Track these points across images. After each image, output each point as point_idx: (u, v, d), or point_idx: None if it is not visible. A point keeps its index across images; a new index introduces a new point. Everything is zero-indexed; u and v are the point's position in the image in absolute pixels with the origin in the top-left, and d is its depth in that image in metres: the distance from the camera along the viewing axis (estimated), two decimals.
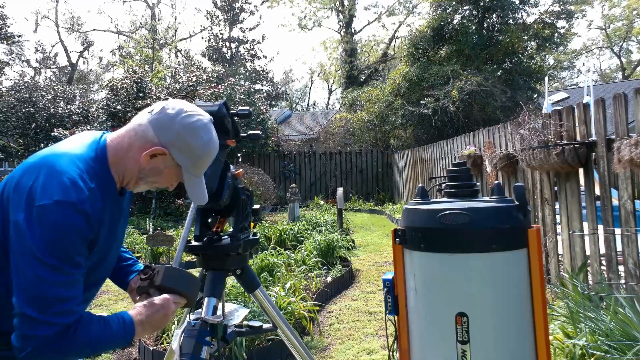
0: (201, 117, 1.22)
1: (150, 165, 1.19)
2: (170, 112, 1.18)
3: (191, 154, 1.20)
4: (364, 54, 28.17)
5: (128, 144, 1.19)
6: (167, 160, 1.20)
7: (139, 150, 1.18)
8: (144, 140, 1.17)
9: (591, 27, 38.02)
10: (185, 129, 1.18)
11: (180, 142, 1.18)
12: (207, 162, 1.26)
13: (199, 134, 1.20)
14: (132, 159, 1.19)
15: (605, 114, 3.42)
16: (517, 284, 1.41)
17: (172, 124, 1.17)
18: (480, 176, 5.92)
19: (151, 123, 1.18)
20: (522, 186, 1.50)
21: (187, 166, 1.22)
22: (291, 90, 41.28)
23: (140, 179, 1.22)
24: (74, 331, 1.06)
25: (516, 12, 14.40)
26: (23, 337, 1.03)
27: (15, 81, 17.32)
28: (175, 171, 1.23)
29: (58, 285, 1.05)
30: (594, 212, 3.54)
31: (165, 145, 1.17)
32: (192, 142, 1.19)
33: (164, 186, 1.29)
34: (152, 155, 1.17)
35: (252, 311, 3.05)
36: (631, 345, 2.23)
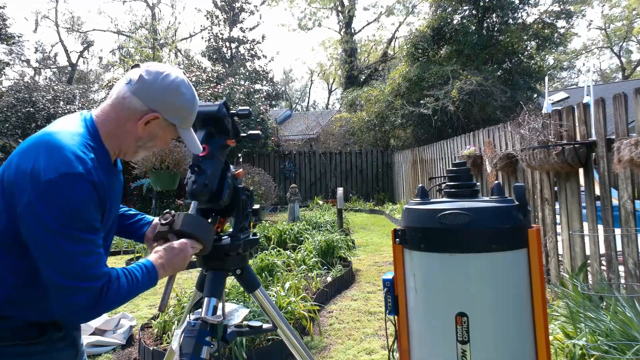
0: (177, 74, 1.29)
1: (146, 132, 1.26)
2: (149, 79, 1.23)
3: (180, 111, 1.29)
4: (363, 54, 28.17)
5: (117, 119, 1.23)
6: (160, 123, 1.27)
7: (132, 121, 1.23)
8: (134, 111, 1.23)
9: (591, 27, 38.06)
10: (168, 91, 1.25)
11: (168, 104, 1.25)
12: (194, 114, 1.36)
13: (181, 91, 1.28)
14: (126, 132, 1.24)
15: (605, 114, 3.42)
16: (517, 284, 1.41)
17: (155, 89, 1.23)
18: (480, 176, 5.92)
19: (135, 93, 1.22)
20: (522, 186, 1.50)
21: (179, 123, 1.30)
22: (291, 90, 41.29)
23: (139, 147, 1.29)
24: (106, 292, 1.11)
25: (516, 12, 14.41)
26: (62, 306, 1.09)
27: (15, 81, 17.32)
28: (169, 131, 1.31)
29: (82, 254, 1.09)
30: (594, 212, 3.54)
31: (156, 110, 1.24)
32: (178, 100, 1.27)
33: (161, 147, 1.37)
34: (147, 122, 1.24)
35: (252, 311, 3.05)
36: (631, 345, 2.23)
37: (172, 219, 1.35)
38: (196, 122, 1.53)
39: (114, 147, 1.26)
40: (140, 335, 3.29)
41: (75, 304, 1.08)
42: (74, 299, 1.08)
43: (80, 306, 1.09)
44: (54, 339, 1.22)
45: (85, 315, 1.12)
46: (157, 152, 7.57)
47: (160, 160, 7.49)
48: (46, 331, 1.20)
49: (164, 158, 7.51)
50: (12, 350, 1.15)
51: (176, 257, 1.28)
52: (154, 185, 7.87)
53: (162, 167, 7.50)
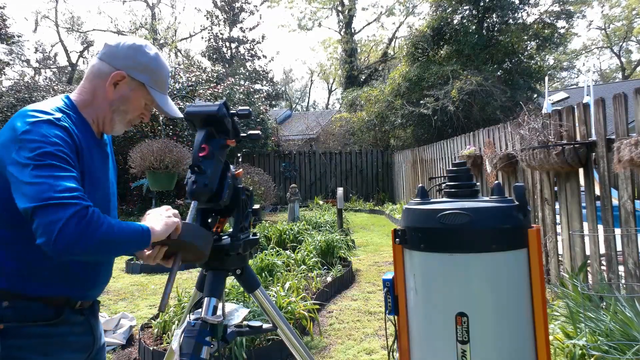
0: (139, 40, 1.37)
1: (117, 95, 1.31)
2: (112, 43, 1.33)
3: (147, 69, 1.33)
4: (363, 54, 28.17)
5: (90, 87, 1.30)
6: (129, 83, 1.31)
7: (102, 85, 1.29)
8: (102, 75, 1.29)
9: (591, 27, 38.06)
10: (130, 50, 1.32)
11: (132, 62, 1.31)
12: (163, 76, 1.39)
13: (143, 51, 1.34)
14: (100, 98, 1.30)
15: (605, 114, 3.42)
16: (517, 284, 1.41)
17: (118, 50, 1.31)
18: (480, 176, 5.92)
19: (101, 58, 1.31)
20: (522, 186, 1.50)
21: (148, 81, 1.34)
22: (291, 90, 41.29)
23: (113, 112, 1.32)
24: (92, 213, 1.06)
25: (516, 12, 14.41)
26: (43, 227, 1.02)
27: (15, 81, 17.32)
28: (141, 93, 1.34)
29: (60, 178, 1.07)
30: (594, 212, 3.54)
31: (121, 69, 1.30)
32: (142, 58, 1.33)
33: (136, 114, 1.37)
34: (115, 83, 1.29)
35: (252, 311, 3.05)
36: (631, 345, 2.23)
37: None
38: (196, 122, 1.53)
39: (92, 116, 1.30)
40: (140, 335, 3.28)
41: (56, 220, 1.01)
42: (55, 215, 1.01)
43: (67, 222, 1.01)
44: (72, 322, 1.24)
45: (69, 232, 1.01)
46: (155, 151, 7.56)
47: (158, 160, 7.48)
48: (63, 312, 1.21)
49: (163, 158, 7.50)
50: (31, 330, 1.16)
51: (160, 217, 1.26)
52: (151, 186, 7.86)
53: (160, 167, 7.49)
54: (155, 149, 7.56)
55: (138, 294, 4.86)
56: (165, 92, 1.41)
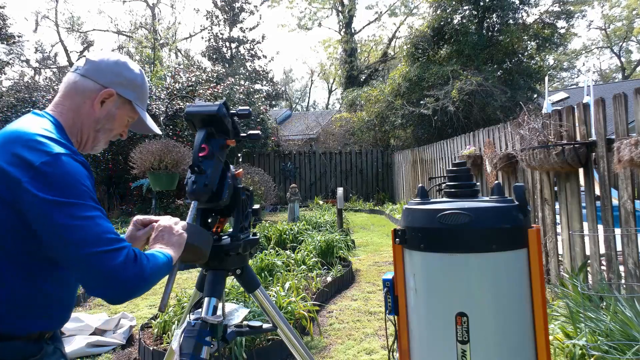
0: (121, 57, 1.32)
1: (103, 112, 1.25)
2: (95, 59, 1.26)
3: (133, 85, 1.30)
4: (364, 54, 28.17)
5: (73, 105, 1.22)
6: (116, 100, 1.27)
7: (88, 103, 1.23)
8: (88, 92, 1.23)
9: (591, 27, 38.00)
10: (116, 66, 1.27)
11: (119, 78, 1.27)
12: (146, 93, 1.37)
13: (128, 66, 1.30)
14: (85, 116, 1.23)
15: (605, 114, 3.42)
16: (517, 284, 1.41)
17: (104, 67, 1.26)
18: (480, 176, 5.92)
19: (86, 75, 1.24)
20: (522, 186, 1.50)
21: (135, 99, 1.31)
22: (291, 90, 41.29)
23: (98, 131, 1.27)
24: (137, 254, 1.07)
25: (516, 12, 14.41)
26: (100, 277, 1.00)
27: (15, 81, 17.32)
28: (126, 110, 1.30)
29: (97, 218, 1.04)
30: (594, 212, 3.54)
31: (109, 86, 1.25)
32: (128, 74, 1.29)
33: (119, 132, 1.33)
34: (102, 101, 1.24)
35: (252, 311, 3.05)
36: (631, 345, 2.23)
37: None
38: (196, 122, 1.53)
39: (76, 137, 1.24)
40: (140, 335, 3.28)
41: (114, 268, 1.00)
42: (109, 263, 1.00)
43: (121, 269, 1.01)
44: (49, 353, 1.17)
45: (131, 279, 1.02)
46: (155, 152, 7.56)
47: (158, 160, 7.48)
48: (42, 346, 1.14)
49: (163, 158, 7.50)
50: None
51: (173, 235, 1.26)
52: (152, 186, 7.87)
53: (160, 167, 7.49)
54: (155, 149, 7.56)
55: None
56: (145, 108, 1.38)
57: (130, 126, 1.37)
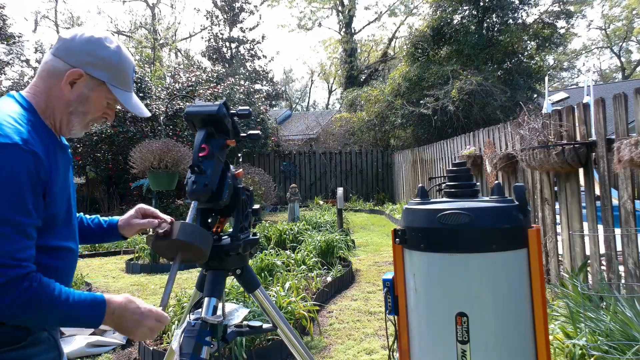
0: (97, 32, 1.21)
1: (74, 95, 1.17)
2: (67, 37, 1.18)
3: (107, 65, 1.19)
4: (363, 54, 28.17)
5: (45, 87, 1.16)
6: (87, 82, 1.18)
7: (57, 85, 1.15)
8: (57, 73, 1.15)
9: (591, 27, 38.05)
10: (88, 44, 1.17)
11: (90, 57, 1.17)
12: (127, 72, 1.24)
13: (103, 44, 1.19)
14: (56, 99, 1.16)
15: (605, 114, 3.42)
16: (517, 284, 1.41)
17: (74, 44, 1.16)
18: (480, 176, 5.92)
19: (55, 54, 1.16)
20: (522, 186, 1.50)
21: (109, 79, 1.20)
22: (291, 90, 41.29)
23: (71, 114, 1.19)
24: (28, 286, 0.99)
25: (516, 12, 14.42)
26: None
27: (15, 81, 17.30)
28: (102, 92, 1.21)
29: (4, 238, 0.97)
30: (594, 212, 3.54)
31: (78, 66, 1.15)
32: (101, 52, 1.18)
33: (98, 116, 1.24)
34: (72, 82, 1.16)
35: (252, 311, 3.05)
36: (631, 345, 2.23)
37: (169, 228, 1.32)
38: (196, 122, 1.52)
39: (51, 119, 1.17)
40: None
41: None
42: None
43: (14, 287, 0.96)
44: (41, 340, 1.14)
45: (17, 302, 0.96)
46: (155, 151, 7.56)
47: (158, 160, 7.48)
48: (32, 331, 1.12)
49: (163, 157, 7.50)
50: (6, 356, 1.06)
51: (133, 314, 1.15)
52: (152, 186, 7.87)
53: (160, 167, 7.50)
54: (155, 149, 7.56)
55: (138, 294, 4.86)
56: (130, 89, 1.27)
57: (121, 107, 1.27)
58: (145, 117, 12.17)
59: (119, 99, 1.22)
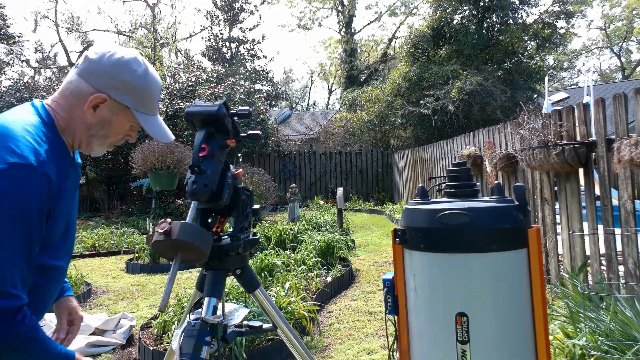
0: (127, 52, 1.16)
1: (96, 118, 1.14)
2: (94, 57, 1.13)
3: (132, 90, 1.15)
4: (364, 53, 28.17)
5: (67, 105, 1.13)
6: (111, 106, 1.14)
7: (80, 106, 1.12)
8: (80, 94, 1.12)
9: (591, 27, 38.01)
10: (114, 67, 1.13)
11: (115, 82, 1.13)
12: (153, 95, 1.20)
13: (129, 67, 1.15)
14: (77, 119, 1.13)
15: (605, 114, 3.42)
16: (517, 284, 1.41)
17: (100, 67, 1.12)
18: (480, 176, 5.92)
19: (80, 74, 1.12)
20: (522, 186, 1.50)
21: (134, 104, 1.16)
22: (291, 90, 41.29)
23: (92, 136, 1.16)
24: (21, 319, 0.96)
25: (516, 12, 14.42)
26: None
27: (14, 81, 17.30)
28: (124, 116, 1.17)
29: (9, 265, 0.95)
30: (594, 212, 3.54)
31: (102, 90, 1.12)
32: (127, 77, 1.14)
33: (119, 138, 1.22)
34: (94, 106, 1.12)
35: (252, 311, 3.05)
36: (631, 345, 2.23)
37: (169, 227, 1.32)
38: (196, 122, 1.52)
39: (69, 137, 1.14)
40: (140, 335, 3.28)
41: None
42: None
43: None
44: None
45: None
46: (157, 151, 7.56)
47: (160, 160, 7.49)
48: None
49: (165, 158, 7.51)
50: None
51: None
52: (153, 186, 7.87)
53: (162, 167, 7.50)
54: (156, 150, 7.57)
55: (138, 294, 4.86)
56: (155, 112, 1.23)
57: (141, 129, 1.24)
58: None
59: (142, 124, 1.20)
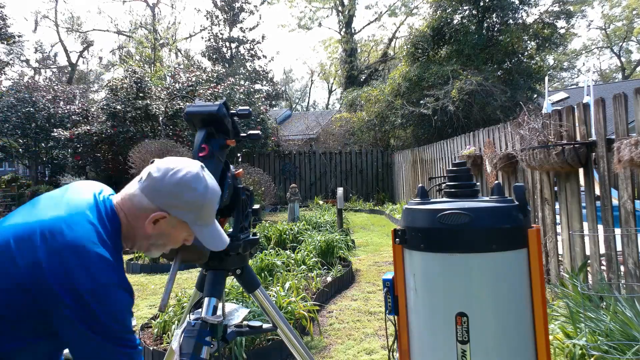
0: (189, 169, 1.20)
1: (156, 231, 1.19)
2: (157, 175, 1.17)
3: (192, 208, 1.19)
4: (364, 53, 28.16)
5: (129, 214, 1.19)
6: (170, 221, 1.19)
7: (141, 219, 1.18)
8: (142, 209, 1.17)
9: (591, 27, 38.06)
10: (176, 187, 1.17)
11: (176, 201, 1.17)
12: (212, 209, 1.25)
13: (191, 186, 1.18)
14: (138, 229, 1.19)
15: (605, 114, 3.42)
16: (517, 284, 1.41)
17: (162, 186, 1.17)
18: (480, 176, 5.92)
19: (143, 191, 1.17)
20: (522, 186, 1.50)
21: (192, 220, 1.21)
22: (291, 90, 41.29)
23: (150, 245, 1.23)
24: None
25: (516, 12, 14.41)
26: None
27: (15, 81, 17.29)
28: (182, 228, 1.23)
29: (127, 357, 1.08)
30: (594, 212, 3.54)
31: (163, 208, 1.17)
32: (188, 196, 1.18)
33: (177, 245, 1.29)
34: (155, 221, 1.18)
35: (252, 311, 3.05)
36: (631, 345, 2.23)
37: None
38: (196, 122, 1.53)
39: (127, 243, 1.22)
40: (140, 335, 3.28)
41: None
42: None
43: None
44: None
45: None
46: (154, 151, 7.57)
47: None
48: None
49: (161, 158, 7.51)
50: None
51: None
52: None
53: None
54: (154, 149, 7.57)
55: (138, 294, 4.86)
56: (212, 221, 1.27)
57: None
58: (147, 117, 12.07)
59: (197, 236, 1.24)
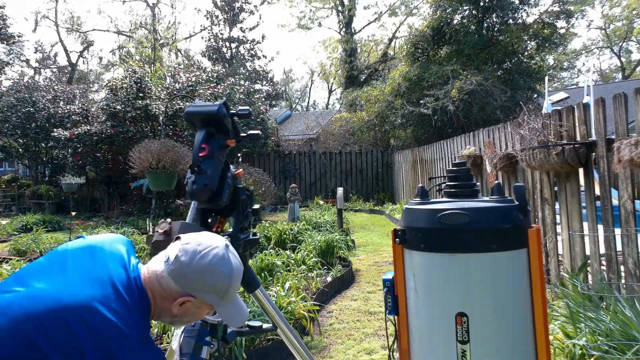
0: (216, 252, 1.22)
1: (182, 311, 1.22)
2: (184, 260, 1.19)
3: (217, 291, 1.22)
4: (364, 53, 28.16)
5: (156, 292, 1.21)
6: (195, 303, 1.22)
7: (167, 301, 1.20)
8: (169, 291, 1.19)
9: (591, 27, 38.07)
10: (203, 274, 1.19)
11: (202, 285, 1.20)
12: (235, 288, 1.27)
13: (217, 271, 1.20)
14: (164, 309, 1.22)
15: (605, 114, 3.42)
16: (517, 284, 1.41)
17: (190, 272, 1.18)
18: (480, 176, 5.92)
19: (170, 275, 1.19)
20: (522, 186, 1.50)
21: (216, 301, 1.24)
22: (291, 90, 41.28)
23: (175, 322, 1.27)
24: None
25: (516, 12, 14.42)
26: None
27: (15, 81, 17.29)
28: (207, 308, 1.26)
29: None
30: (594, 212, 3.54)
31: (190, 293, 1.19)
32: (214, 281, 1.20)
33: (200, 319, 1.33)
34: (181, 303, 1.20)
35: (252, 311, 3.05)
36: (631, 345, 2.23)
37: (169, 227, 1.33)
38: (196, 122, 1.53)
39: (153, 318, 1.25)
40: None
41: None
42: None
43: None
44: None
45: None
46: (154, 151, 7.57)
47: (157, 160, 7.48)
48: None
49: (161, 157, 7.50)
50: None
51: None
52: (151, 185, 7.87)
53: (159, 167, 7.49)
54: (154, 149, 7.57)
55: None
56: (235, 299, 1.31)
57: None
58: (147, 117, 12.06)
59: (221, 315, 1.28)
